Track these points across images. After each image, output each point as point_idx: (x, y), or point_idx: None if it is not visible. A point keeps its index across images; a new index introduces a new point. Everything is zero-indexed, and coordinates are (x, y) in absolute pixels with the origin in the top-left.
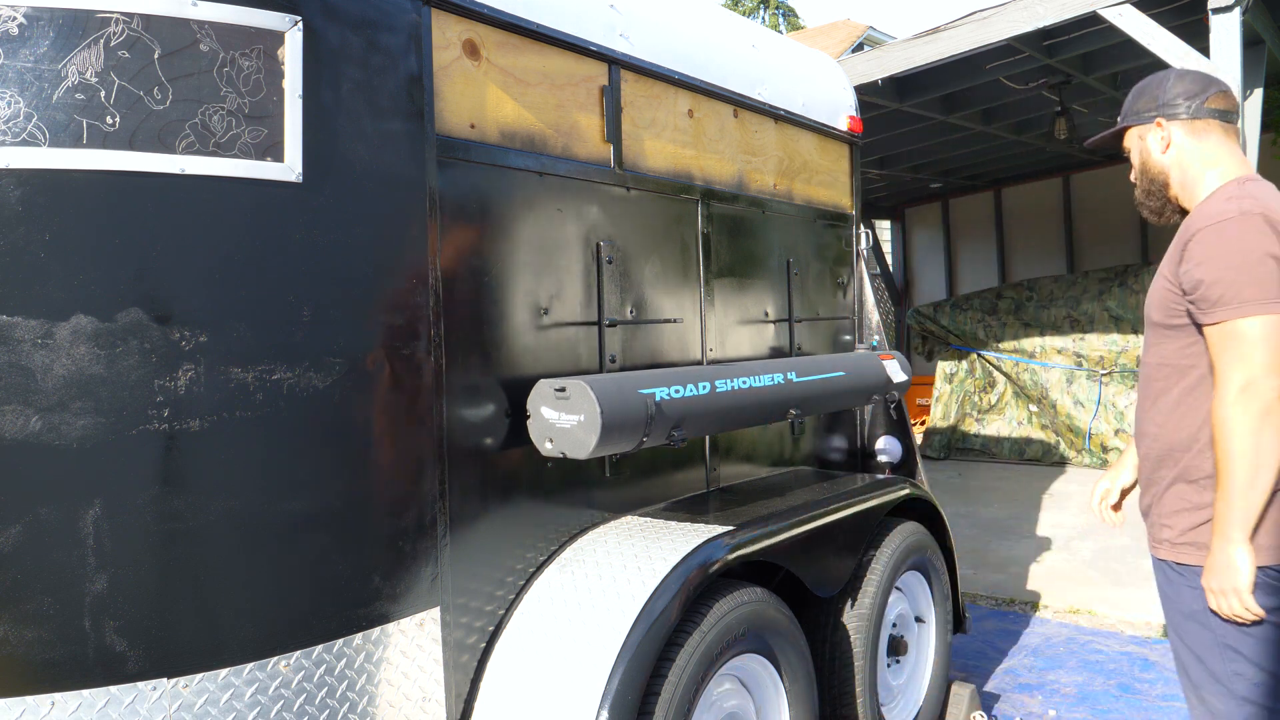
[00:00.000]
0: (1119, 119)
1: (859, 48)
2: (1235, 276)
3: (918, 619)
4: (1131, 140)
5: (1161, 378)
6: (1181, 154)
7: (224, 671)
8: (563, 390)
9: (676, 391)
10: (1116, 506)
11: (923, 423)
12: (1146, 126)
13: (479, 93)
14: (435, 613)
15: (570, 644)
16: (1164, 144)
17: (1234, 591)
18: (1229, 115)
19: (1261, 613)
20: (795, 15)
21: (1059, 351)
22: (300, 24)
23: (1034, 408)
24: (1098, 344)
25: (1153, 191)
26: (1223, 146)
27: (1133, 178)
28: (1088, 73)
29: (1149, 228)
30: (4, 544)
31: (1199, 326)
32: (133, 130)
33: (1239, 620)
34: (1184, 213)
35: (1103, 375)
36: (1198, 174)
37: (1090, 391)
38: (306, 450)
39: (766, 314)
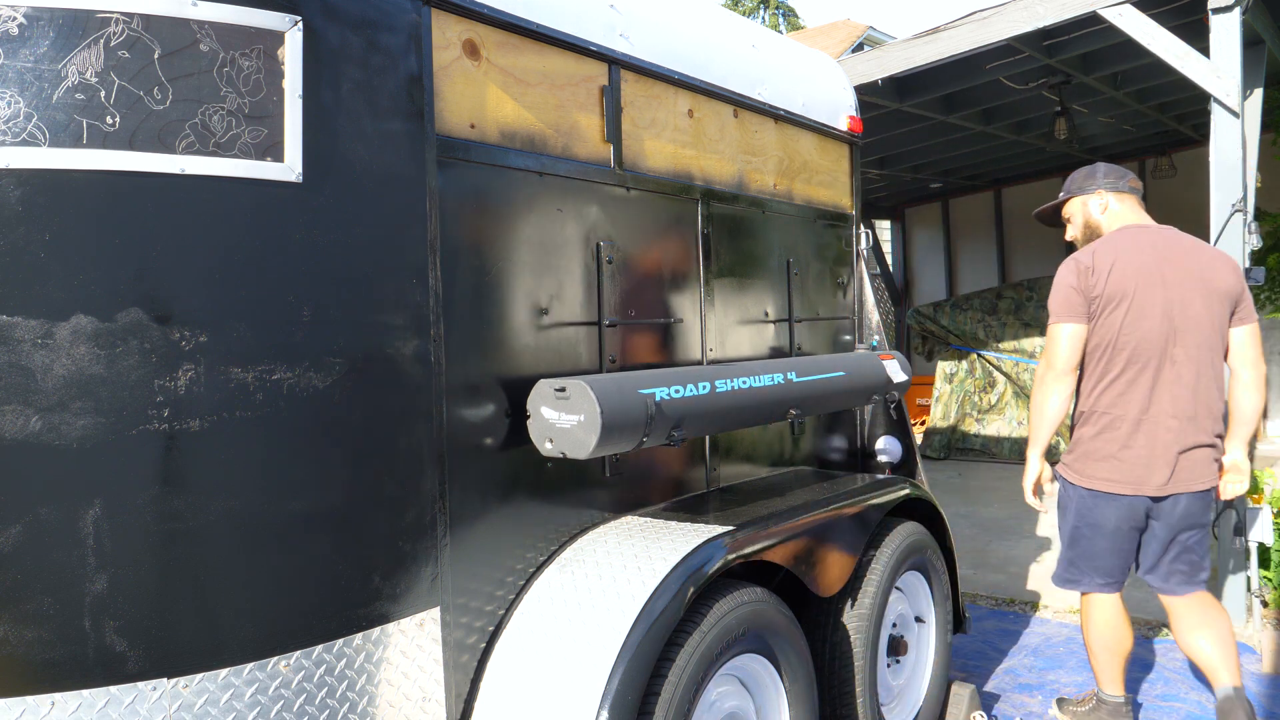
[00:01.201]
0: (1062, 194)
1: (859, 48)
2: (1054, 296)
3: (918, 619)
4: (1074, 206)
5: None
6: (1110, 216)
7: (224, 671)
8: (563, 390)
9: (676, 391)
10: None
11: (923, 423)
12: (1089, 197)
13: (479, 93)
14: (435, 613)
15: (570, 644)
16: (1101, 207)
17: (1025, 486)
18: (1138, 191)
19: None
20: (795, 15)
21: None
22: (300, 24)
23: None
24: None
25: (1088, 240)
26: (1133, 210)
27: (1073, 235)
28: (1088, 73)
29: None
30: (4, 544)
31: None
32: (133, 130)
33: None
34: None
35: None
36: (1112, 227)
37: None
38: (306, 450)
39: (766, 314)
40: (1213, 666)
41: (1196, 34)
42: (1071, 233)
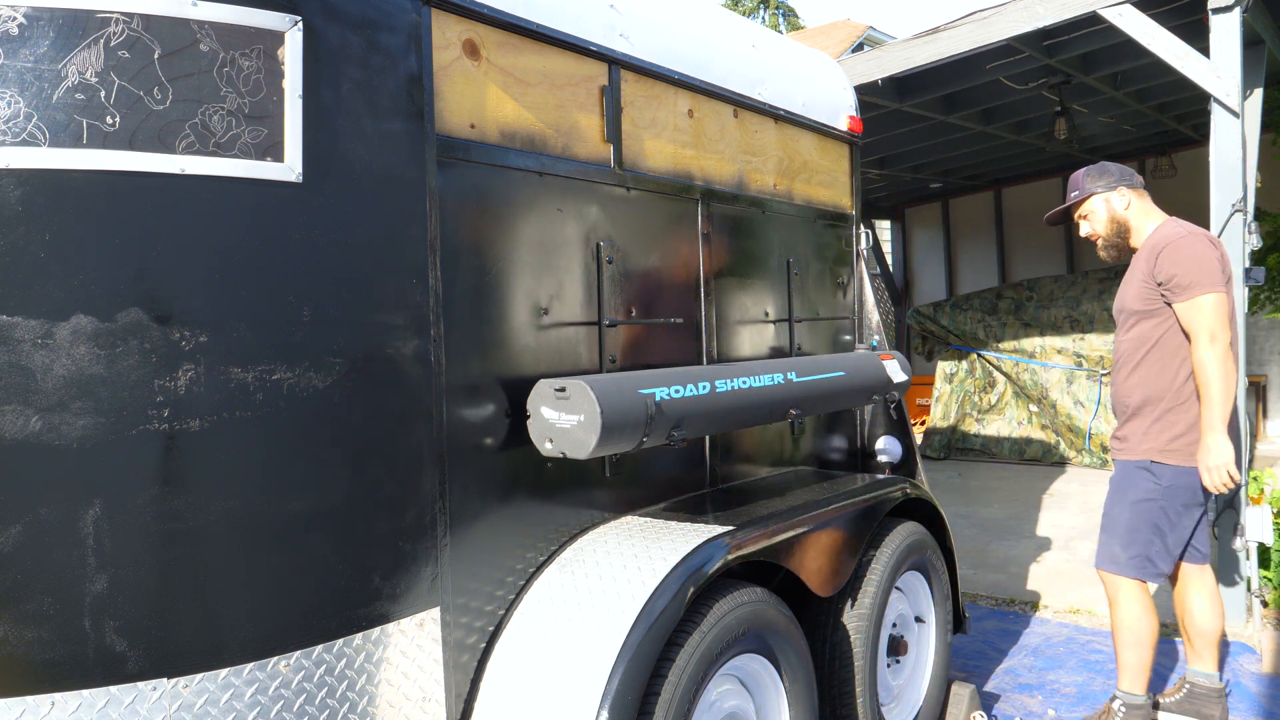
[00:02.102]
0: (1077, 194)
1: (859, 48)
2: (1196, 269)
3: (918, 619)
4: (1095, 203)
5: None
6: (1135, 209)
7: (224, 671)
8: (563, 390)
9: (676, 391)
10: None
11: (923, 423)
12: (1110, 194)
13: (479, 93)
14: (435, 613)
15: (570, 644)
16: (1127, 203)
17: (1223, 465)
18: (1143, 186)
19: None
20: (795, 15)
21: (1059, 351)
22: (300, 24)
23: (1034, 408)
24: (1098, 344)
25: (1118, 233)
26: (1151, 204)
27: (1093, 231)
28: (1088, 73)
29: None
30: (4, 544)
31: (1169, 306)
32: (133, 130)
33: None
34: (1132, 250)
35: (1103, 375)
36: (1143, 221)
37: (1090, 391)
38: (306, 450)
39: (766, 314)
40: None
41: (1196, 34)
42: (1091, 229)
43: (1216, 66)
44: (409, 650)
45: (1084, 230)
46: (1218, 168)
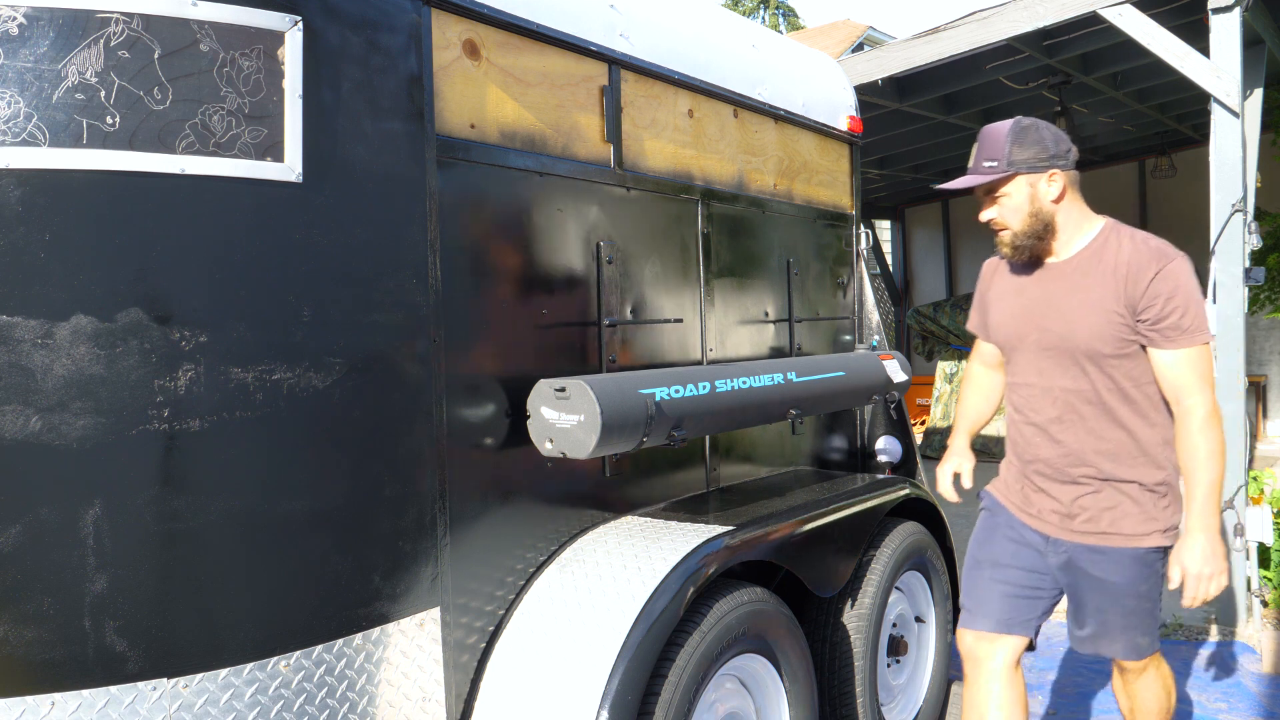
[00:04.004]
0: (994, 165)
1: (859, 48)
2: (1199, 308)
3: (918, 619)
4: (1017, 186)
5: (1111, 399)
6: (1069, 202)
7: (224, 671)
8: (563, 390)
9: (676, 391)
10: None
11: (923, 423)
12: (1039, 175)
13: (479, 93)
14: (435, 613)
15: (570, 644)
16: (1059, 192)
17: (1218, 575)
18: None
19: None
20: (795, 15)
21: None
22: (300, 24)
23: None
24: None
25: (1036, 233)
26: (1081, 197)
27: (996, 217)
28: (1088, 73)
29: (1149, 227)
30: (4, 544)
31: (1143, 349)
32: (133, 130)
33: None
34: (1045, 256)
35: None
36: (1079, 218)
37: None
38: (306, 450)
39: (766, 314)
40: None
41: (1196, 34)
42: (1000, 216)
43: (1216, 66)
44: (409, 650)
45: (987, 214)
46: (1218, 168)
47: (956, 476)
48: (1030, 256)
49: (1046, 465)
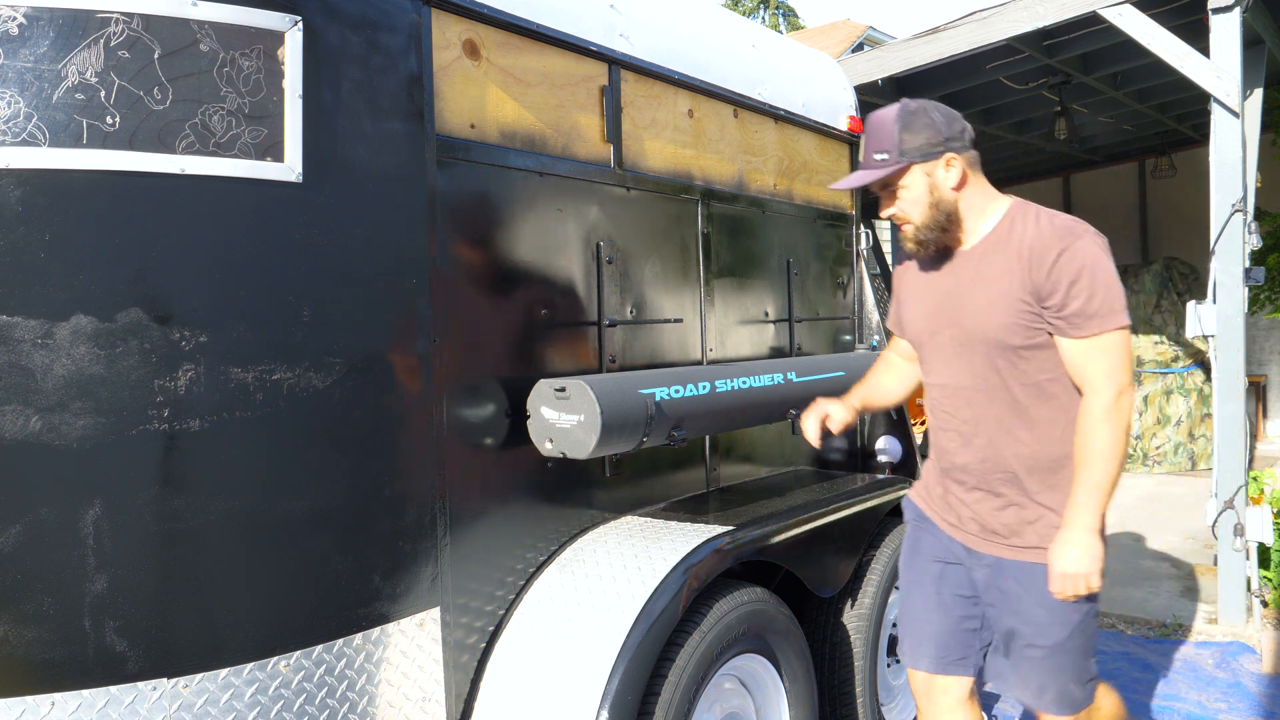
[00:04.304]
0: (885, 157)
1: (859, 48)
2: (1109, 291)
3: None
4: (913, 177)
5: (1024, 395)
6: (971, 187)
7: (224, 671)
8: (563, 390)
9: (676, 391)
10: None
11: (923, 423)
12: (934, 162)
13: (479, 93)
14: (435, 613)
15: (570, 644)
16: (959, 178)
17: (1092, 575)
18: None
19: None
20: (795, 15)
21: None
22: (300, 24)
23: None
24: None
25: (939, 224)
26: (984, 178)
27: (898, 212)
28: (1088, 73)
29: (1149, 227)
30: (4, 544)
31: (1050, 338)
32: (133, 130)
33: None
34: (954, 245)
35: None
36: (983, 202)
37: None
38: (306, 450)
39: (766, 314)
40: None
41: (1196, 34)
42: (900, 212)
43: (1216, 66)
44: (409, 650)
45: (887, 210)
46: (1218, 168)
47: (825, 419)
48: (937, 249)
49: (964, 471)
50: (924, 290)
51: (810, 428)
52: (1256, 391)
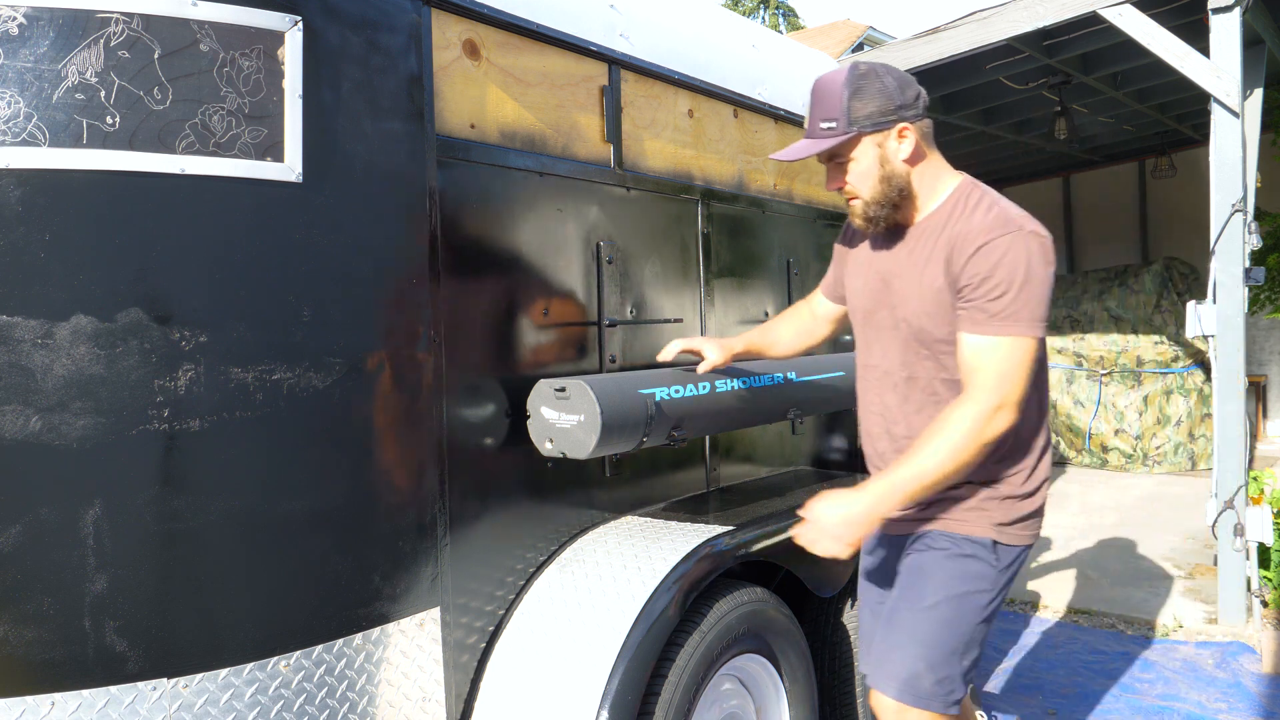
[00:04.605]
0: (832, 125)
1: (859, 48)
2: (1022, 296)
3: None
4: (863, 149)
5: (944, 390)
6: (925, 160)
7: (224, 671)
8: (563, 390)
9: (676, 391)
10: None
11: None
12: (886, 133)
13: (479, 93)
14: (435, 613)
15: (570, 644)
16: (912, 149)
17: (841, 543)
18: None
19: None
20: (795, 15)
21: (1059, 351)
22: (300, 24)
23: None
24: (1097, 344)
25: (890, 200)
26: (937, 151)
27: (851, 188)
28: (1088, 73)
29: (1149, 227)
30: (4, 544)
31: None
32: (133, 130)
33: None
34: (903, 222)
35: (1102, 375)
36: (933, 178)
37: (1090, 391)
38: (306, 450)
39: (767, 314)
40: None
41: (1196, 34)
42: (850, 186)
43: (1216, 66)
44: (409, 650)
45: (834, 184)
46: (1218, 168)
47: (696, 353)
48: (887, 227)
49: (882, 459)
50: (865, 267)
51: (668, 351)
52: (1256, 391)
